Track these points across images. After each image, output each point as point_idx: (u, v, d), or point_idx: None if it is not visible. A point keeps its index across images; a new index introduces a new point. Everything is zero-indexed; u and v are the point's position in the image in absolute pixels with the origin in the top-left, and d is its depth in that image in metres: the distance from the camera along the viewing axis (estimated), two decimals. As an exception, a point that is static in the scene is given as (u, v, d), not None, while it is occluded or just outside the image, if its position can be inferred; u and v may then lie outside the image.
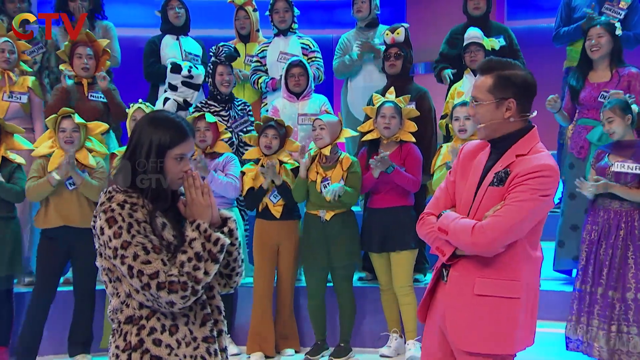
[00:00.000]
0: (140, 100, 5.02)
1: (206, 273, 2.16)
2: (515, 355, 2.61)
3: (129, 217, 2.15)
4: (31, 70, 5.37)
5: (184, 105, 5.47)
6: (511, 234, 2.46)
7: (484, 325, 2.53)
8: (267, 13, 5.90)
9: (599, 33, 4.78)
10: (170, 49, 5.84)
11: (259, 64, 5.83)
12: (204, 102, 5.40)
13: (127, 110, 5.03)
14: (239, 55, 5.70)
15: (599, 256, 4.17)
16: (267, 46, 5.88)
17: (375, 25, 5.84)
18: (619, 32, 4.80)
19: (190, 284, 2.13)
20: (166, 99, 5.48)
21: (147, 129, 2.24)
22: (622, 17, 5.33)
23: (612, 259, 4.13)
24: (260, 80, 5.76)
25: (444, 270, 2.65)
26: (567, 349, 4.31)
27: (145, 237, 2.14)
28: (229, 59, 5.31)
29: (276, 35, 5.87)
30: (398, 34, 5.20)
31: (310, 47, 5.82)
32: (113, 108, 5.21)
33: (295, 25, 5.87)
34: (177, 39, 5.89)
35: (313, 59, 5.77)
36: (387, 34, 5.26)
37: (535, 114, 2.61)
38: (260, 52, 5.88)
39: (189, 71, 5.45)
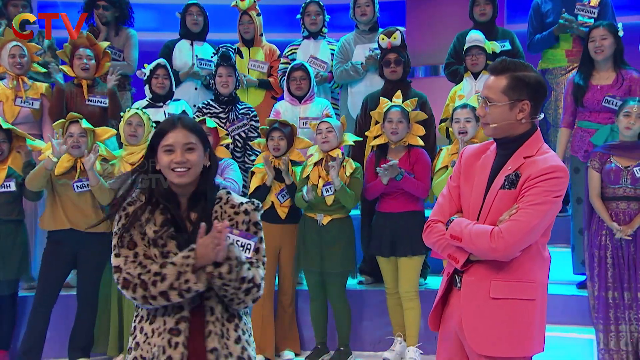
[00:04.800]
0: (137, 106, 4.98)
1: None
2: (531, 358, 2.59)
3: None
4: (45, 70, 5.31)
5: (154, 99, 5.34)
6: (529, 237, 2.46)
7: (502, 328, 2.51)
8: (299, 16, 5.91)
9: (602, 35, 4.73)
10: (183, 54, 5.87)
11: (287, 65, 5.66)
12: (206, 102, 5.38)
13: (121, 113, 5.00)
14: (240, 55, 5.68)
15: (616, 260, 4.15)
16: (297, 48, 5.89)
17: (376, 29, 5.78)
18: (621, 32, 4.76)
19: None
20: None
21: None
22: (595, 15, 5.33)
23: (629, 261, 4.11)
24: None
25: (456, 277, 2.62)
26: None
27: None
28: (223, 58, 5.28)
29: (305, 37, 5.89)
30: (395, 38, 5.11)
31: None
32: (113, 107, 5.17)
33: (325, 30, 5.89)
34: (192, 44, 5.91)
35: None
36: (382, 38, 5.16)
37: (542, 116, 2.60)
38: (289, 54, 5.88)
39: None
